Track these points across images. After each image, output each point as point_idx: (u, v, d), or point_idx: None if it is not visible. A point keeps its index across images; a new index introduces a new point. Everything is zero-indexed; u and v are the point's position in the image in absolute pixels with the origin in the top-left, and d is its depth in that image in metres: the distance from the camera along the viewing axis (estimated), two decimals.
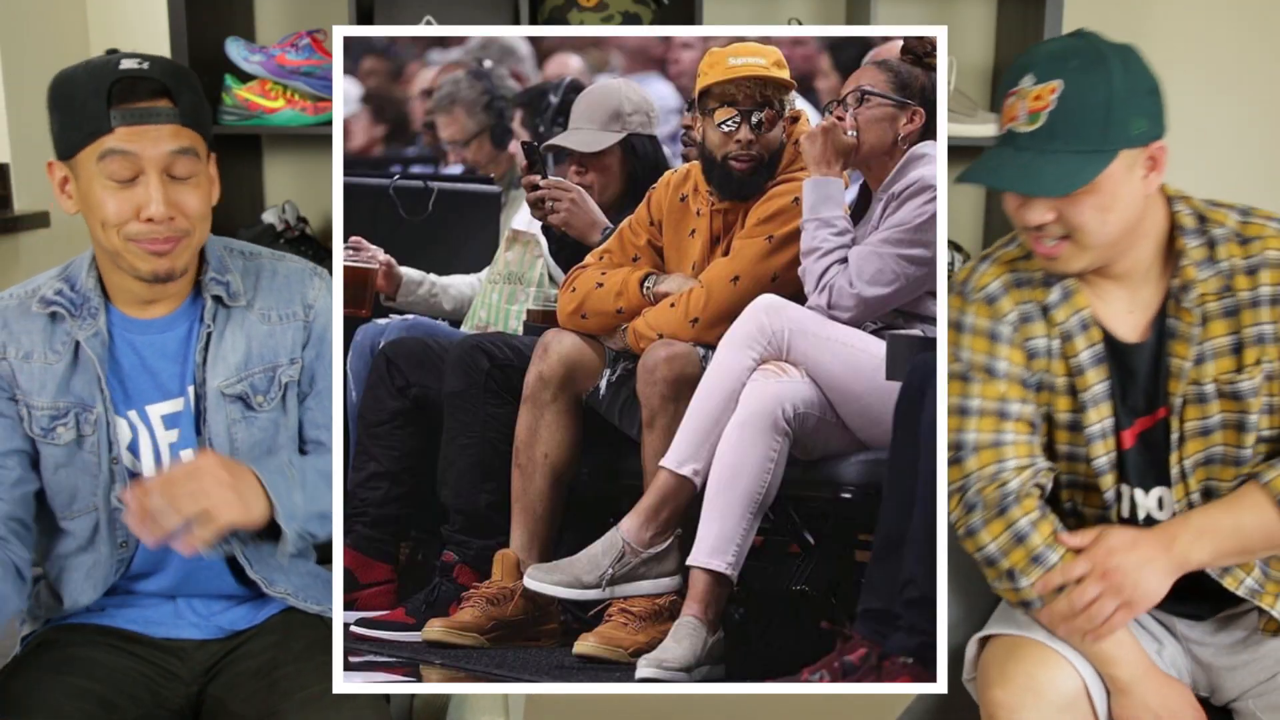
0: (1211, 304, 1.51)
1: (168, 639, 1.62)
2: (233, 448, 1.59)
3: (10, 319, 1.55)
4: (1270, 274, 1.49)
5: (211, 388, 1.58)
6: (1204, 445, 1.54)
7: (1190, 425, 1.53)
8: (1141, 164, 1.46)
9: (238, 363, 1.59)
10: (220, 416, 1.58)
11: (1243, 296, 1.50)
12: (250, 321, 1.60)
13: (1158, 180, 1.49)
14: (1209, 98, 2.94)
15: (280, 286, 1.64)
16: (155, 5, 2.79)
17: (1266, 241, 1.50)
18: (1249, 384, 1.50)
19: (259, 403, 1.61)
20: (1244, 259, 1.50)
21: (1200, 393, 1.52)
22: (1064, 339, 1.55)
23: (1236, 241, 1.51)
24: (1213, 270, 1.51)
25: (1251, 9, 2.96)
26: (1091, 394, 1.55)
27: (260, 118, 2.78)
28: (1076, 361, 1.55)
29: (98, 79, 1.45)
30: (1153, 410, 1.56)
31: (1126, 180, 1.45)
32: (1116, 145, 1.42)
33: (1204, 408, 1.53)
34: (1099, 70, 1.42)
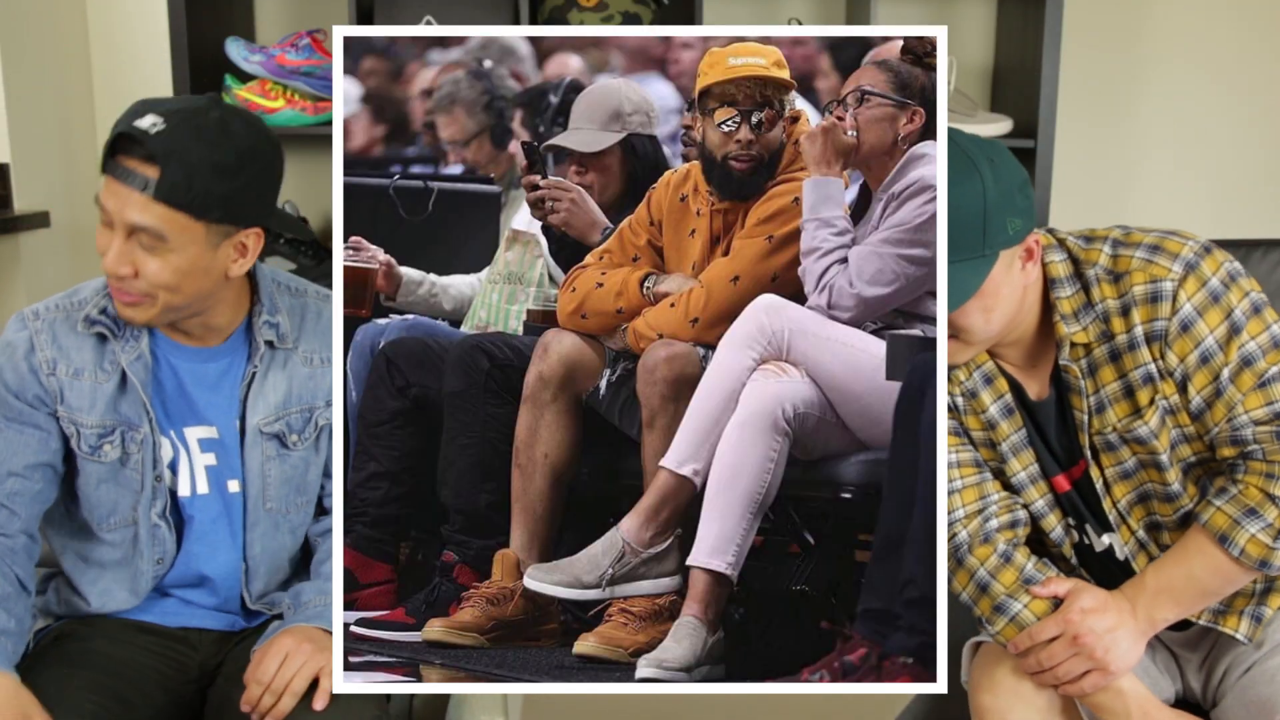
0: (1097, 350, 1.50)
1: (182, 628, 1.67)
2: (264, 482, 1.65)
3: (59, 334, 1.57)
4: (1141, 311, 1.46)
5: (251, 424, 1.63)
6: (1131, 486, 1.55)
7: (1110, 471, 1.54)
8: (1018, 258, 1.46)
9: (278, 402, 1.64)
10: (256, 452, 1.64)
11: (1120, 340, 1.48)
12: (293, 363, 1.65)
13: (1035, 269, 1.48)
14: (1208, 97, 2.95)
15: (324, 330, 1.67)
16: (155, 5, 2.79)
17: (1133, 276, 1.47)
18: (1145, 429, 1.49)
19: (293, 441, 1.66)
20: (1117, 299, 1.48)
21: (1106, 440, 1.52)
22: (969, 396, 1.56)
23: (1109, 280, 1.49)
24: (1090, 317, 1.49)
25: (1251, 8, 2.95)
26: (1010, 444, 1.56)
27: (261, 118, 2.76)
28: (987, 416, 1.56)
29: (119, 123, 1.46)
30: (1074, 462, 1.56)
31: (1006, 278, 1.45)
32: (996, 248, 1.42)
33: (1116, 454, 1.53)
34: (969, 178, 1.41)
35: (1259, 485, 1.44)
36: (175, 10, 2.65)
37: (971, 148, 1.44)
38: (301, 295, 1.69)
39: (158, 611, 1.68)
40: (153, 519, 1.62)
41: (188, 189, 1.45)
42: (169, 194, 1.44)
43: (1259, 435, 1.44)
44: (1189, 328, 1.45)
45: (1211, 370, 1.45)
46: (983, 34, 3.13)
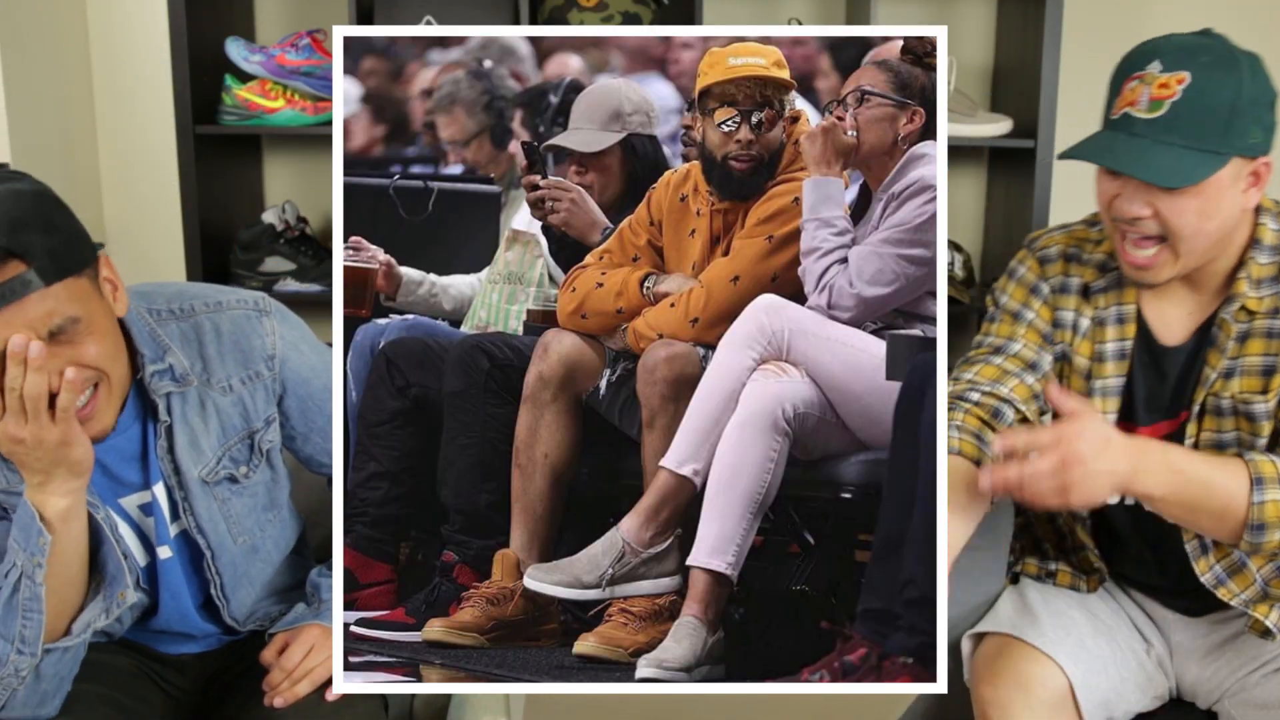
0: (1259, 322, 1.48)
1: (170, 654, 1.64)
2: (229, 523, 1.53)
3: None
4: None
5: (191, 477, 1.48)
6: None
7: (1205, 435, 1.52)
8: (1245, 177, 1.43)
9: (212, 445, 1.49)
10: (208, 501, 1.50)
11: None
12: (211, 397, 1.48)
13: (1257, 196, 1.46)
14: None
15: (229, 348, 1.49)
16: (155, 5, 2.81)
17: None
18: (1263, 407, 1.47)
19: (244, 474, 1.52)
20: None
21: (1218, 405, 1.50)
22: (1096, 324, 1.56)
23: None
24: (1271, 290, 1.47)
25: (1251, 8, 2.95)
26: (1103, 384, 1.55)
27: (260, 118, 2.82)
28: (1100, 348, 1.55)
29: None
30: (1177, 414, 1.54)
31: (1230, 190, 1.42)
32: (1232, 150, 1.39)
33: (1219, 420, 1.51)
34: (1230, 71, 1.39)
35: None
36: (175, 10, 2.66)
37: (1235, 47, 1.42)
38: (189, 315, 1.49)
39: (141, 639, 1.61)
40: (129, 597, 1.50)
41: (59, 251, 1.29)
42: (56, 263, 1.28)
43: None
44: None
45: None
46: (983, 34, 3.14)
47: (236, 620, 1.60)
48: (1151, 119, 1.40)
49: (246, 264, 2.94)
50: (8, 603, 1.38)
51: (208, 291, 1.54)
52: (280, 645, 1.52)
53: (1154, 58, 1.42)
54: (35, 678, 1.42)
